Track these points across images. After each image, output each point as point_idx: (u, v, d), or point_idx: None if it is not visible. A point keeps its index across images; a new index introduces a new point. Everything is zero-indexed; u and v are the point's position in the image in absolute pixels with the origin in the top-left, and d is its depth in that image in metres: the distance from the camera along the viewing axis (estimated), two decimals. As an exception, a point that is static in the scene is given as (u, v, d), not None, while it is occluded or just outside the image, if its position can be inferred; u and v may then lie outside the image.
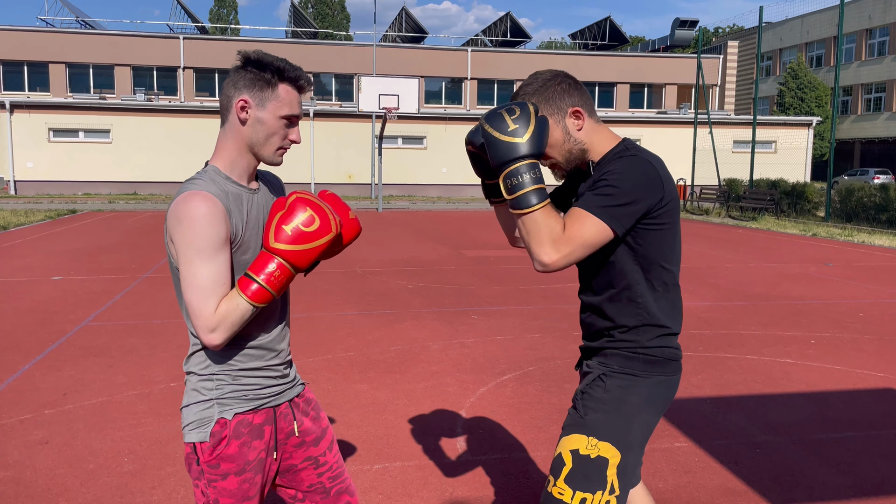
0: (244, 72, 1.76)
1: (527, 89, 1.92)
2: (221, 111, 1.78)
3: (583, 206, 1.80)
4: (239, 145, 1.77)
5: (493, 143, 1.79)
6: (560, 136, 1.91)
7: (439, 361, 5.50)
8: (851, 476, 3.53)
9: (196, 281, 1.66)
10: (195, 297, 1.66)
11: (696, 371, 5.29)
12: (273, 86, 1.74)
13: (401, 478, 3.46)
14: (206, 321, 1.66)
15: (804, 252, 12.79)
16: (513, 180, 1.77)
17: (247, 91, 1.74)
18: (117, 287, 8.54)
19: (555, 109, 1.90)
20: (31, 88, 34.85)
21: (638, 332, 1.92)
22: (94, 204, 23.50)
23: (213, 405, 1.78)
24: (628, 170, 1.82)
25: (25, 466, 3.55)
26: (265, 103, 1.74)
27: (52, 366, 5.27)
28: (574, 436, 1.92)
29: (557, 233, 1.76)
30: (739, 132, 31.58)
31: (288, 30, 44.56)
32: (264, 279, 1.69)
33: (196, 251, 1.65)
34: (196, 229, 1.64)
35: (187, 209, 1.65)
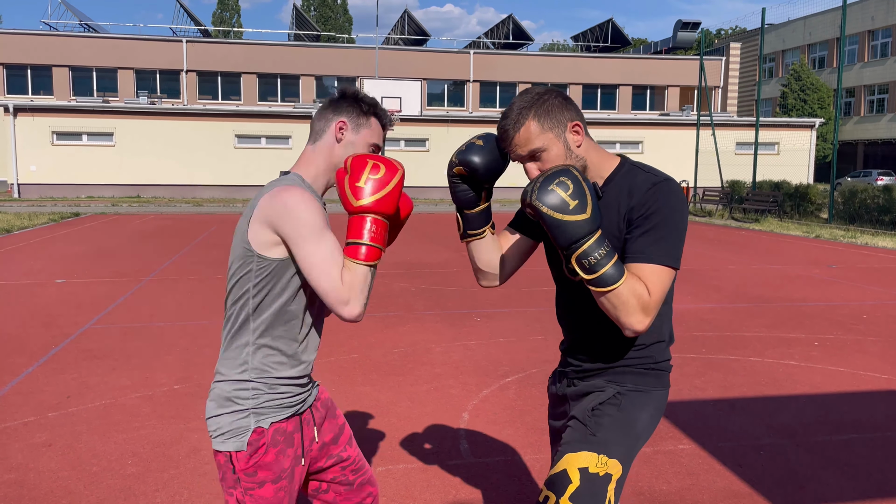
0: (343, 101, 1.94)
1: (521, 102, 1.82)
2: (315, 131, 1.94)
3: (648, 258, 1.73)
4: (327, 163, 1.92)
5: (556, 226, 1.68)
6: (562, 151, 1.81)
7: (442, 364, 5.49)
8: (856, 478, 3.52)
9: (318, 258, 1.73)
10: (322, 274, 1.72)
11: (700, 373, 5.28)
12: (368, 116, 1.94)
13: (404, 480, 3.46)
14: (338, 294, 1.72)
15: (807, 254, 12.77)
16: (589, 260, 1.68)
17: (346, 115, 1.92)
18: (120, 290, 8.55)
19: (555, 123, 1.80)
20: (34, 92, 34.95)
21: (652, 349, 1.91)
22: (98, 207, 23.54)
23: (248, 414, 1.81)
24: (674, 204, 1.76)
25: (29, 469, 3.55)
26: (360, 129, 1.93)
27: (55, 369, 5.28)
28: (584, 453, 1.85)
29: (645, 298, 1.70)
30: (742, 134, 31.55)
31: (290, 32, 44.64)
32: (368, 238, 1.75)
33: (311, 230, 1.73)
34: (307, 211, 1.73)
35: (292, 197, 1.74)
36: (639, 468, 3.61)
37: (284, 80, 37.43)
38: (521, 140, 1.80)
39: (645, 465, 3.65)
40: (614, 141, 32.04)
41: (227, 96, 37.07)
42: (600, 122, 32.10)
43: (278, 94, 37.48)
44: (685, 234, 1.78)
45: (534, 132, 1.79)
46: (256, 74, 36.83)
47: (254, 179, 28.98)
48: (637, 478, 3.50)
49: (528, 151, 1.81)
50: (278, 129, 29.41)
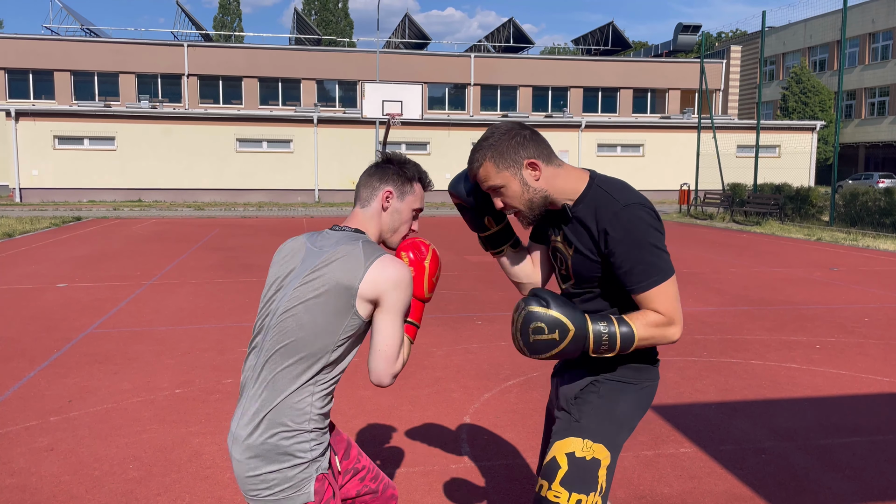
0: (387, 167, 2.03)
1: (482, 144, 1.99)
2: (362, 198, 2.03)
3: (647, 287, 1.87)
4: (378, 228, 2.02)
5: (559, 355, 1.89)
6: (518, 188, 1.96)
7: (443, 367, 5.49)
8: (857, 481, 3.52)
9: (399, 335, 1.88)
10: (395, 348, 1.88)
11: (701, 376, 5.28)
12: (412, 183, 2.04)
13: (405, 483, 3.46)
14: (396, 368, 1.88)
15: (809, 257, 12.77)
16: (602, 346, 1.87)
17: (392, 185, 2.01)
18: (122, 294, 8.56)
19: (510, 163, 1.95)
20: (36, 96, 35.03)
21: None
22: (99, 211, 23.57)
23: (308, 465, 1.81)
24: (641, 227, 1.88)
25: (31, 473, 3.55)
26: (404, 196, 2.03)
27: (57, 373, 5.28)
28: (569, 439, 1.97)
29: (661, 320, 1.88)
30: (743, 137, 31.55)
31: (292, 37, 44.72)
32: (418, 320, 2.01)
33: (402, 311, 1.88)
34: (407, 294, 1.88)
35: (403, 273, 1.87)
36: (640, 471, 3.61)
37: (285, 84, 37.50)
38: (482, 177, 2.00)
39: (647, 469, 3.65)
40: (615, 144, 32.05)
41: (229, 100, 37.13)
42: (601, 125, 32.11)
43: (279, 97, 37.54)
44: (663, 241, 1.91)
45: (490, 171, 1.97)
46: (257, 78, 36.89)
47: (255, 183, 29.02)
48: (639, 481, 3.50)
49: (487, 187, 2.00)
50: (279, 133, 29.45)
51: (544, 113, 37.98)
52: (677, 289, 1.91)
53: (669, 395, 4.83)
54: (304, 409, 1.80)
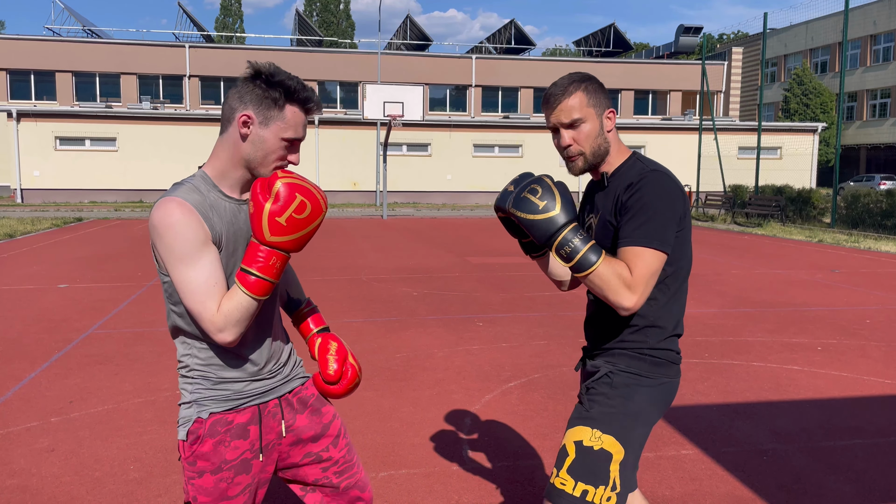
0: (252, 86, 1.71)
1: (574, 77, 1.99)
2: (222, 119, 1.75)
3: (632, 241, 1.86)
4: (234, 159, 1.75)
5: (532, 225, 1.87)
6: (596, 128, 1.98)
7: (444, 369, 5.49)
8: (859, 484, 3.51)
9: (189, 286, 1.66)
10: (193, 301, 1.66)
11: (703, 378, 5.27)
12: (280, 106, 1.71)
13: (406, 485, 3.45)
14: (211, 322, 1.67)
15: (810, 258, 12.76)
16: (566, 249, 1.85)
17: (252, 107, 1.70)
18: (123, 295, 8.56)
19: (597, 102, 1.98)
20: (37, 97, 35.06)
21: (646, 332, 1.98)
22: (100, 212, 23.58)
23: (192, 405, 1.82)
24: (657, 190, 1.89)
25: (32, 474, 3.55)
26: (269, 123, 1.71)
27: (58, 374, 5.28)
28: (579, 427, 1.96)
29: (627, 277, 1.83)
30: (744, 138, 31.54)
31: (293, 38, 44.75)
32: (264, 272, 1.66)
33: (178, 257, 1.65)
34: (173, 235, 1.63)
35: (161, 217, 1.65)
36: (641, 473, 3.61)
37: (287, 86, 37.48)
38: (567, 107, 1.96)
39: (648, 471, 3.64)
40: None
41: (230, 101, 37.13)
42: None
43: (281, 99, 37.53)
44: (674, 220, 1.89)
45: (579, 103, 1.96)
46: (259, 79, 36.89)
47: (256, 184, 28.96)
48: (640, 483, 3.50)
49: (570, 119, 1.96)
50: (281, 134, 29.41)
51: (545, 114, 37.96)
52: (658, 268, 1.86)
53: (671, 397, 4.82)
54: (185, 360, 1.82)
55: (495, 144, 30.78)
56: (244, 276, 1.67)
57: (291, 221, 1.64)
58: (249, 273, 1.66)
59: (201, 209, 1.69)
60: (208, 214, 1.70)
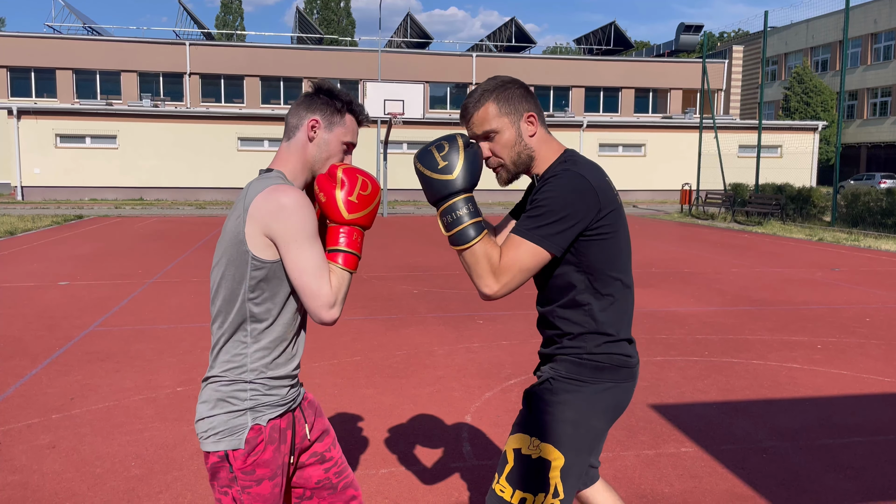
0: (317, 97, 1.91)
1: (486, 86, 1.94)
2: (289, 129, 1.91)
3: (517, 231, 1.83)
4: (302, 161, 1.90)
5: (426, 182, 1.84)
6: (513, 137, 1.92)
7: (445, 366, 5.50)
8: (858, 481, 3.52)
9: (310, 263, 1.76)
10: (312, 278, 1.76)
11: (703, 376, 5.28)
12: (342, 114, 1.91)
13: (406, 482, 3.46)
14: (327, 298, 1.77)
15: (810, 257, 12.76)
16: (450, 217, 1.82)
17: (319, 113, 1.89)
18: (124, 292, 8.57)
19: (512, 110, 1.92)
20: (38, 94, 35.04)
21: (584, 338, 1.92)
22: (101, 209, 23.59)
23: (245, 413, 1.82)
24: (560, 187, 1.82)
25: (33, 471, 3.56)
26: (333, 127, 1.90)
27: (59, 371, 5.29)
28: (518, 435, 1.94)
29: (495, 263, 1.80)
30: (745, 137, 31.53)
31: (294, 36, 44.73)
32: (353, 247, 1.84)
33: (305, 236, 1.75)
34: (301, 216, 1.75)
35: (288, 198, 1.74)
36: (641, 471, 3.62)
37: (287, 83, 37.50)
38: (479, 119, 1.93)
39: (647, 468, 3.65)
40: (617, 144, 32.04)
41: (231, 99, 37.15)
42: (603, 124, 32.10)
43: (281, 96, 37.55)
44: (572, 220, 1.81)
45: (491, 114, 1.91)
46: (259, 77, 36.90)
47: (256, 182, 28.99)
48: (640, 480, 3.51)
49: (482, 131, 1.93)
50: (281, 132, 29.36)
51: (546, 112, 37.95)
52: (532, 264, 1.81)
53: (671, 395, 4.83)
54: (239, 361, 1.82)
55: (496, 142, 30.73)
56: (336, 255, 1.83)
57: (361, 198, 1.84)
58: (340, 251, 1.83)
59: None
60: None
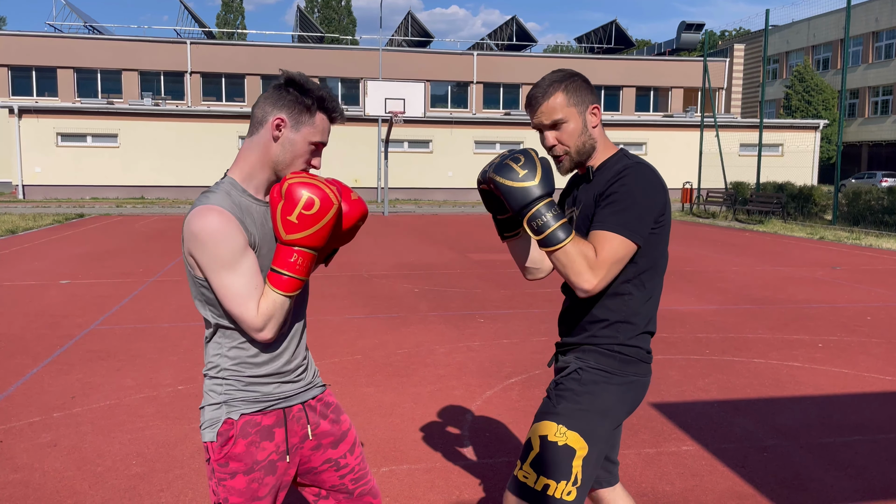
0: (285, 92, 1.80)
1: (553, 77, 2.00)
2: (253, 123, 1.82)
3: (604, 226, 1.88)
4: (263, 160, 1.82)
5: (508, 192, 1.87)
6: (579, 127, 1.99)
7: (445, 365, 5.50)
8: (860, 480, 3.52)
9: (230, 292, 1.73)
10: (234, 305, 1.74)
11: (704, 374, 5.28)
12: (311, 112, 1.81)
13: (407, 481, 3.46)
14: (252, 323, 1.74)
15: (811, 255, 12.75)
16: (537, 222, 1.86)
17: (285, 111, 1.79)
18: (125, 291, 8.57)
19: (579, 101, 1.99)
20: (39, 93, 35.05)
21: (617, 328, 1.97)
22: (102, 208, 23.60)
23: (221, 406, 1.84)
24: (637, 181, 1.91)
25: (34, 469, 3.56)
26: (300, 127, 1.80)
27: (60, 369, 5.30)
28: (544, 422, 1.97)
29: (592, 258, 1.85)
30: (746, 135, 31.51)
31: (294, 34, 44.72)
32: (289, 270, 1.74)
33: (220, 264, 1.71)
34: (214, 243, 1.70)
35: (202, 225, 1.70)
36: (642, 469, 3.62)
37: (288, 82, 37.46)
38: (548, 109, 1.98)
39: (648, 467, 3.65)
40: (618, 142, 31.91)
41: (231, 98, 37.15)
42: (604, 123, 31.94)
43: (282, 95, 37.51)
44: (651, 213, 1.91)
45: (560, 104, 1.98)
46: (260, 76, 36.90)
47: (257, 181, 29.00)
48: (640, 479, 3.51)
49: (551, 120, 1.99)
50: (282, 131, 29.43)
51: (547, 111, 37.94)
52: (624, 256, 1.88)
53: (672, 393, 4.83)
54: (216, 361, 1.85)
55: (496, 141, 30.76)
56: (273, 276, 1.75)
57: (302, 218, 1.71)
58: (278, 272, 1.74)
59: (237, 215, 1.75)
60: (243, 219, 1.77)
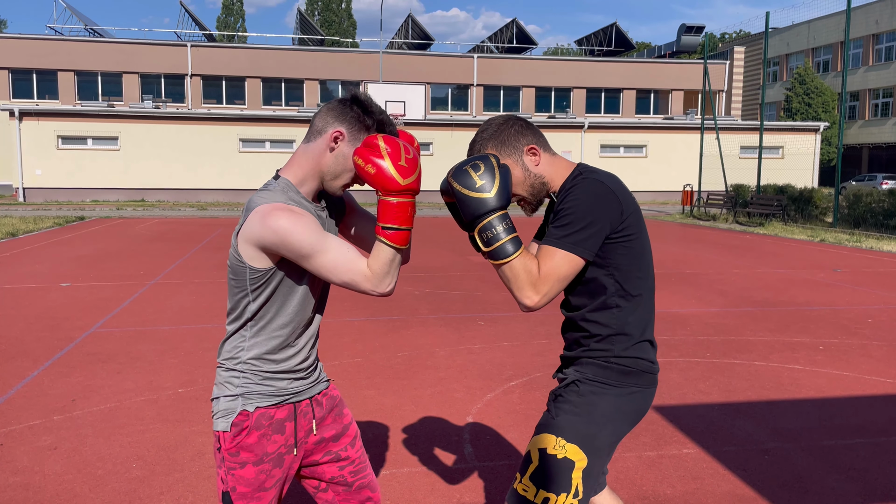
0: (349, 108, 1.86)
1: (482, 136, 2.02)
2: (311, 132, 1.88)
3: (548, 241, 1.88)
4: (315, 169, 1.87)
5: (462, 200, 1.87)
6: (521, 174, 2.01)
7: (446, 367, 5.49)
8: (861, 483, 3.51)
9: (334, 265, 1.76)
10: (344, 273, 1.77)
11: (705, 377, 5.27)
12: (370, 132, 1.87)
13: (408, 484, 3.46)
14: (369, 280, 1.77)
15: (812, 258, 12.75)
16: (487, 234, 1.85)
17: (346, 125, 1.85)
18: (125, 293, 8.57)
19: (511, 150, 2.00)
20: (39, 96, 35.10)
21: (611, 341, 1.96)
22: (102, 211, 23.61)
23: (237, 398, 1.89)
24: (580, 194, 1.89)
25: (34, 472, 3.56)
26: (355, 144, 1.86)
27: (60, 372, 5.29)
28: (544, 435, 1.98)
29: (535, 275, 1.85)
30: (746, 138, 31.52)
31: (295, 37, 44.76)
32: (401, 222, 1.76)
33: (310, 251, 1.75)
34: (300, 233, 1.74)
35: (280, 223, 1.73)
36: (643, 472, 3.61)
37: (289, 85, 37.53)
38: None
39: (649, 470, 3.65)
40: (618, 145, 32.03)
41: (232, 100, 37.18)
42: (604, 126, 32.10)
43: (282, 98, 37.58)
44: (599, 225, 1.87)
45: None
46: (261, 79, 36.94)
47: (258, 183, 29.03)
48: (641, 482, 3.50)
49: None
50: (282, 133, 29.48)
51: (547, 114, 37.98)
52: (569, 270, 1.86)
53: (672, 396, 4.82)
54: (236, 352, 1.90)
55: (497, 144, 30.73)
56: (386, 232, 1.76)
57: (410, 161, 1.77)
58: (392, 229, 1.76)
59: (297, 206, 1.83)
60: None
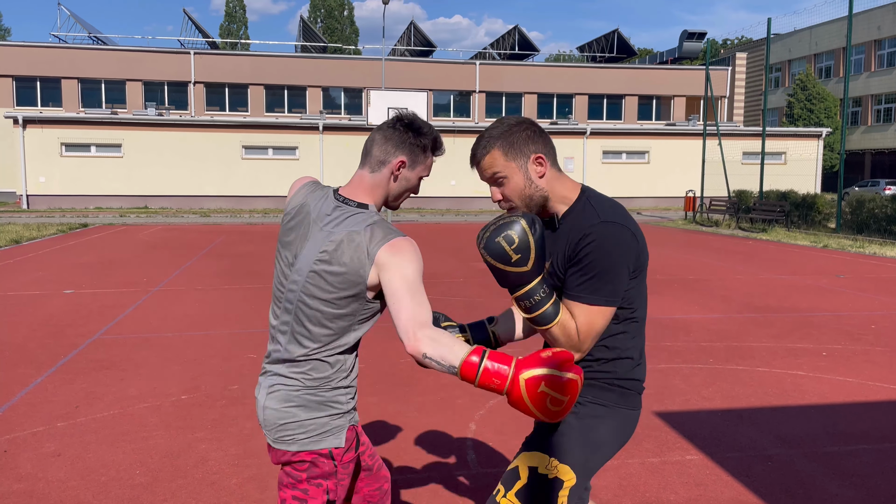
0: (405, 134, 2.00)
1: (492, 133, 1.96)
2: (372, 161, 2.00)
3: (580, 298, 1.85)
4: (384, 195, 2.04)
5: (500, 274, 1.87)
6: (521, 181, 1.94)
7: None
8: (864, 489, 3.51)
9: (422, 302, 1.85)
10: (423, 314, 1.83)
11: (707, 384, 5.27)
12: (426, 153, 2.04)
13: (411, 490, 3.46)
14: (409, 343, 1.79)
15: (815, 264, 12.73)
16: (528, 301, 1.86)
17: (407, 154, 2.00)
18: (129, 300, 8.59)
19: (517, 154, 1.93)
20: (43, 104, 35.20)
21: (615, 364, 1.96)
22: (106, 218, 23.66)
23: (342, 416, 1.98)
24: (605, 244, 1.83)
25: (38, 479, 3.57)
26: (415, 166, 2.03)
27: (64, 379, 5.30)
28: (535, 453, 1.96)
29: (574, 337, 1.86)
30: (749, 143, 31.52)
31: (297, 44, 44.90)
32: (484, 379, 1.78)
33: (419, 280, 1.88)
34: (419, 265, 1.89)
35: (414, 251, 1.89)
36: (646, 478, 3.61)
37: (291, 92, 37.62)
38: (486, 165, 1.96)
39: (653, 476, 3.64)
40: (620, 151, 32.05)
41: (235, 108, 37.27)
42: (606, 132, 32.12)
43: (285, 105, 37.66)
44: (625, 271, 1.86)
45: (498, 160, 1.94)
46: (263, 86, 37.03)
47: (261, 190, 29.10)
48: (644, 488, 3.50)
49: (491, 177, 1.97)
50: (285, 140, 29.54)
51: (549, 120, 38.00)
52: (605, 322, 1.86)
53: (675, 402, 4.82)
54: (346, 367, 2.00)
55: (499, 150, 30.76)
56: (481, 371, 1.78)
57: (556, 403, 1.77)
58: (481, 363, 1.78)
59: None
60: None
